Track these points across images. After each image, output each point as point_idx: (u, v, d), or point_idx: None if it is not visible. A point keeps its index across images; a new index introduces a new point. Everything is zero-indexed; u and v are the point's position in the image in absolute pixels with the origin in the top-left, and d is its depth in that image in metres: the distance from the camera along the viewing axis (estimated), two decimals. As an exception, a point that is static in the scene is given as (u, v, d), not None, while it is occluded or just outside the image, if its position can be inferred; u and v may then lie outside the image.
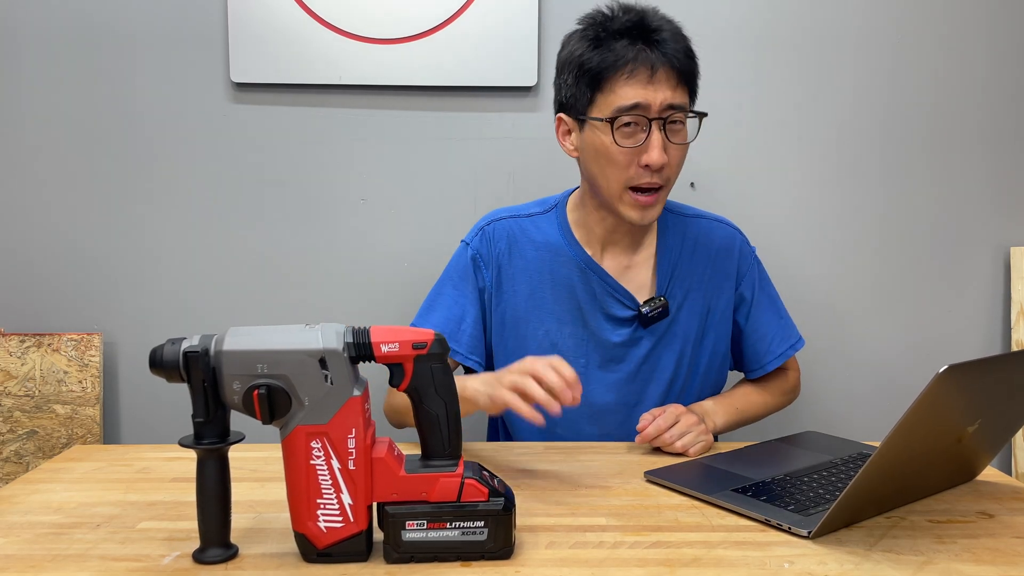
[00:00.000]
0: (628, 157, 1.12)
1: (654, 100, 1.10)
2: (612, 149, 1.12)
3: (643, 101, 1.10)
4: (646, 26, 1.12)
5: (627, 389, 1.24)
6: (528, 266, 1.24)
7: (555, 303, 1.23)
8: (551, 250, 1.24)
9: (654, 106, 1.11)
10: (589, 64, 1.12)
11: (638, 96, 1.10)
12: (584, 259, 1.23)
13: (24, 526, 0.88)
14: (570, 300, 1.23)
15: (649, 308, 1.22)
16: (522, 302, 1.23)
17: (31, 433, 1.62)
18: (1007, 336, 1.71)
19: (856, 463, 1.06)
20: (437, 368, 0.79)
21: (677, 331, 1.25)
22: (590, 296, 1.23)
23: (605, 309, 1.23)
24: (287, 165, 1.65)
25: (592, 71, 1.12)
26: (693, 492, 0.96)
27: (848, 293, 1.71)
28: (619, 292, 1.23)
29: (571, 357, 1.18)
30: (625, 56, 1.10)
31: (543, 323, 1.23)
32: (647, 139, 1.11)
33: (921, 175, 1.69)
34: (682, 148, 1.16)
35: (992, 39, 1.67)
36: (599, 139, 1.13)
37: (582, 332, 1.22)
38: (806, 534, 0.84)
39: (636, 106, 1.10)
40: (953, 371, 0.76)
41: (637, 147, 1.12)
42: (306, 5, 1.58)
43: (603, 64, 1.11)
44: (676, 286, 1.25)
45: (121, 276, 1.66)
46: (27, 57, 1.61)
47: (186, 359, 0.75)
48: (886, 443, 0.80)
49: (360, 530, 0.78)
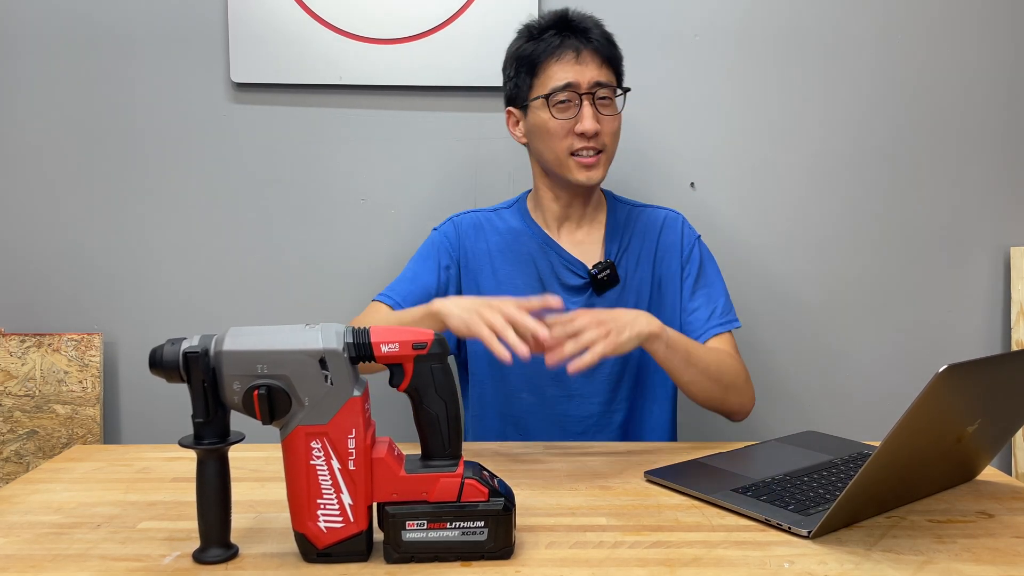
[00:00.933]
0: (565, 128, 1.28)
1: (582, 78, 1.27)
2: (551, 123, 1.28)
3: (573, 79, 1.26)
4: (569, 20, 1.30)
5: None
6: (491, 249, 1.38)
7: (517, 277, 1.36)
8: (513, 233, 1.39)
9: (583, 83, 1.27)
10: (524, 54, 1.31)
11: (567, 75, 1.27)
12: (542, 236, 1.37)
13: (24, 526, 0.88)
14: (531, 274, 1.36)
15: (597, 270, 1.33)
16: (487, 280, 1.36)
17: (31, 433, 1.62)
18: (1007, 336, 1.71)
19: (856, 463, 1.06)
20: (437, 368, 0.79)
21: (629, 298, 1.36)
22: (548, 268, 1.36)
23: (561, 280, 1.35)
24: (287, 165, 1.65)
25: (528, 60, 1.30)
26: (693, 492, 0.96)
27: (848, 293, 1.71)
28: (572, 263, 1.35)
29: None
30: (553, 43, 1.28)
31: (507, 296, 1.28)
32: (579, 111, 1.27)
33: (921, 175, 1.69)
34: (614, 119, 1.30)
35: (992, 39, 1.67)
36: (540, 117, 1.29)
37: None
38: (806, 534, 0.84)
39: (568, 85, 1.26)
40: (953, 371, 0.76)
41: (572, 119, 1.27)
42: (306, 5, 1.58)
43: (536, 52, 1.29)
44: (626, 258, 1.37)
45: (121, 276, 1.66)
46: (27, 57, 1.61)
47: (186, 359, 0.75)
48: (886, 443, 0.80)
49: (360, 530, 0.78)
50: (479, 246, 1.38)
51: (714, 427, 1.73)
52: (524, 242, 1.37)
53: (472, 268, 1.37)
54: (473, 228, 1.39)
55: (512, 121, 1.36)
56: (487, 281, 1.36)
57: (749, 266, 1.69)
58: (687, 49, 1.65)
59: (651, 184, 1.68)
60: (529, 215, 1.40)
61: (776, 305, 1.71)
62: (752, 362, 1.72)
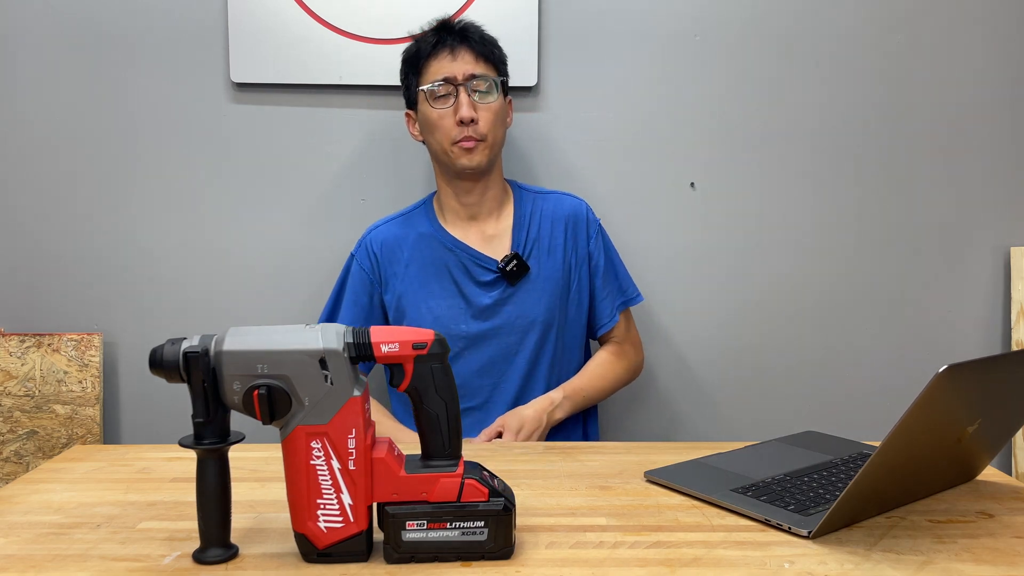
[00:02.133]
0: (444, 117, 1.38)
1: (458, 71, 1.37)
2: (432, 114, 1.38)
3: (449, 74, 1.37)
4: (448, 24, 1.42)
5: (505, 341, 1.42)
6: (405, 258, 1.45)
7: (434, 283, 1.43)
8: (423, 239, 1.45)
9: (458, 75, 1.37)
10: (408, 56, 1.43)
11: (444, 70, 1.38)
12: (450, 240, 1.44)
13: (24, 526, 0.88)
14: (446, 277, 1.43)
15: (504, 262, 1.41)
16: (406, 289, 1.44)
17: (31, 433, 1.62)
18: (1007, 336, 1.71)
19: (856, 463, 1.06)
20: (437, 368, 0.79)
21: (543, 284, 1.44)
22: (461, 270, 1.43)
23: (474, 277, 1.43)
24: (287, 165, 1.65)
25: (411, 61, 1.42)
26: (693, 492, 0.96)
27: (848, 293, 1.71)
28: (481, 259, 1.43)
29: (450, 324, 1.41)
30: (430, 42, 1.40)
31: (425, 302, 1.43)
32: (456, 100, 1.37)
33: (921, 175, 1.69)
34: (490, 108, 1.39)
35: (992, 39, 1.67)
36: (424, 111, 1.40)
37: (460, 302, 1.42)
38: (806, 534, 0.84)
39: (444, 79, 1.37)
40: (953, 371, 0.76)
41: (450, 108, 1.37)
42: (306, 5, 1.58)
43: (418, 53, 1.41)
44: (535, 247, 1.45)
45: (121, 276, 1.66)
46: (27, 58, 1.61)
47: (186, 359, 0.75)
48: (886, 443, 0.80)
49: (360, 530, 0.78)
50: (395, 263, 1.45)
51: (714, 427, 1.73)
52: (434, 247, 1.44)
53: (393, 285, 1.45)
54: (386, 248, 1.46)
55: (410, 122, 1.47)
56: (407, 292, 1.43)
57: (749, 266, 1.69)
58: (687, 49, 1.65)
59: (651, 184, 1.68)
60: (436, 218, 1.47)
61: (776, 305, 1.71)
62: (752, 362, 1.73)
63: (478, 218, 1.45)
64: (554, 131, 1.65)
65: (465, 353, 1.41)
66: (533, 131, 1.65)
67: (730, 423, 1.73)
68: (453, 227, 1.45)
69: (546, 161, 1.66)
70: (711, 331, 1.71)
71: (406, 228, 1.48)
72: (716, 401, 1.72)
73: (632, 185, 1.67)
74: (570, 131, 1.66)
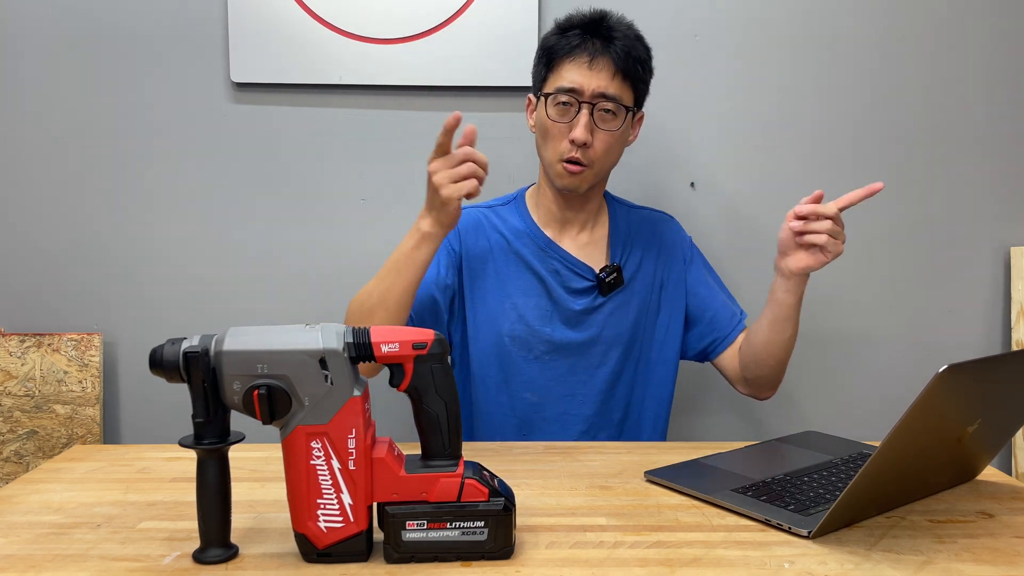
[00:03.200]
0: (560, 131, 1.26)
1: (588, 85, 1.24)
2: (547, 123, 1.27)
3: (578, 84, 1.24)
4: (602, 23, 1.26)
5: (589, 352, 1.35)
6: (493, 247, 1.36)
7: (520, 280, 1.34)
8: (514, 234, 1.36)
9: (587, 91, 1.24)
10: (547, 46, 1.29)
11: (574, 79, 1.24)
12: (544, 240, 1.36)
13: (24, 526, 0.88)
14: (533, 278, 1.35)
15: (605, 273, 1.34)
16: (491, 281, 1.35)
17: (31, 433, 1.62)
18: (1007, 336, 1.71)
19: (856, 463, 1.06)
20: (437, 368, 0.79)
21: (633, 299, 1.37)
22: (551, 273, 1.34)
23: (566, 283, 1.34)
24: (287, 165, 1.65)
25: (548, 52, 1.28)
26: (693, 492, 0.96)
27: (848, 293, 1.71)
28: (577, 266, 1.35)
29: (536, 325, 1.33)
30: (573, 41, 1.25)
31: (509, 296, 1.34)
32: (576, 118, 1.24)
33: (921, 175, 1.69)
34: (610, 135, 1.27)
35: (992, 38, 1.67)
36: (542, 113, 1.28)
37: (547, 303, 1.34)
38: (806, 534, 0.84)
39: (571, 88, 1.24)
40: (953, 371, 0.76)
41: (567, 123, 1.25)
42: (306, 5, 1.58)
43: (556, 47, 1.27)
44: (629, 259, 1.38)
45: (121, 276, 1.66)
46: (27, 57, 1.61)
47: (186, 359, 0.75)
48: (886, 443, 0.80)
49: (360, 530, 0.78)
50: (480, 244, 1.36)
51: (714, 427, 1.73)
52: (526, 243, 1.36)
53: (473, 267, 1.35)
54: (473, 226, 1.36)
55: (530, 108, 1.35)
56: (489, 280, 1.34)
57: (749, 266, 1.69)
58: (687, 49, 1.65)
59: (651, 184, 1.68)
60: (529, 215, 1.38)
61: (776, 305, 1.71)
62: (752, 362, 1.72)
63: (575, 224, 1.37)
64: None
65: (546, 358, 1.33)
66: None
67: (730, 423, 1.73)
68: (547, 228, 1.37)
69: (546, 161, 1.66)
70: (711, 331, 1.71)
71: (494, 218, 1.38)
72: (716, 401, 1.72)
73: (632, 185, 1.67)
74: (570, 131, 1.65)
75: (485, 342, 1.34)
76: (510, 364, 1.33)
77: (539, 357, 1.33)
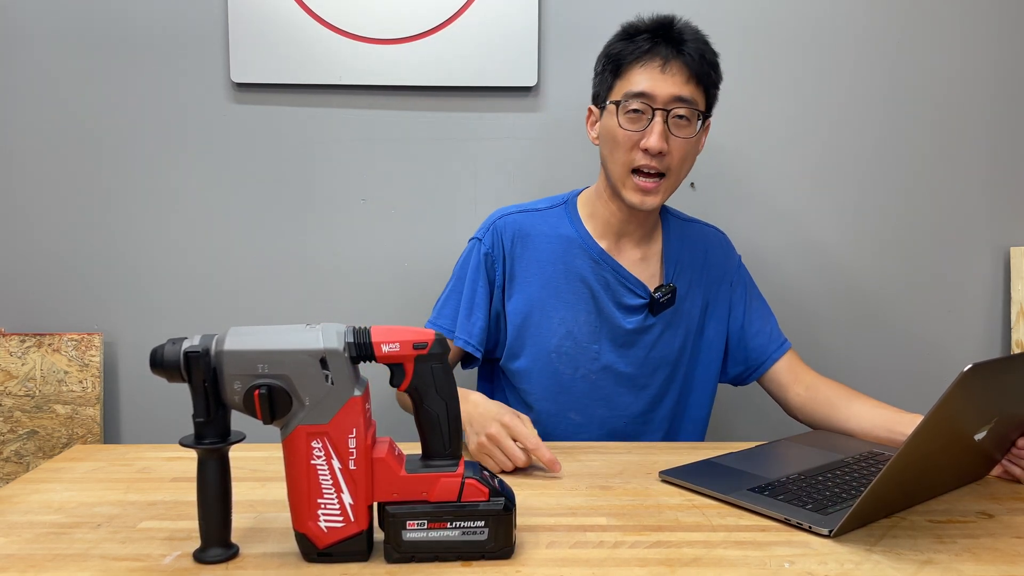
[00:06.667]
0: (631, 140, 1.20)
1: (662, 91, 1.18)
2: (618, 132, 1.20)
3: (650, 90, 1.18)
4: (670, 27, 1.22)
5: (638, 373, 1.30)
6: (540, 257, 1.29)
7: (569, 292, 1.28)
8: (563, 242, 1.29)
9: (660, 96, 1.18)
10: (613, 52, 1.23)
11: (647, 84, 1.18)
12: (597, 251, 1.29)
13: (24, 526, 0.88)
14: (584, 289, 1.28)
15: (660, 294, 1.28)
16: (536, 292, 1.28)
17: (31, 433, 1.62)
18: (1007, 336, 1.71)
19: (868, 461, 1.07)
20: (437, 368, 0.79)
21: (681, 319, 1.32)
22: (603, 286, 1.28)
23: (618, 299, 1.28)
24: (287, 165, 1.65)
25: (615, 59, 1.22)
26: (710, 492, 0.96)
27: (848, 293, 1.71)
28: (631, 282, 1.29)
29: (586, 342, 1.28)
30: (643, 47, 1.20)
31: (558, 312, 1.28)
32: (650, 125, 1.18)
33: (921, 175, 1.69)
34: (685, 142, 1.21)
35: (992, 38, 1.67)
36: (610, 122, 1.22)
37: (596, 320, 1.28)
38: (827, 533, 0.84)
39: (643, 93, 1.18)
40: (977, 370, 0.76)
41: (640, 131, 1.19)
42: (306, 5, 1.58)
43: (624, 52, 1.21)
44: (680, 278, 1.32)
45: (121, 276, 1.66)
46: (27, 57, 1.61)
47: (187, 359, 0.75)
48: (909, 442, 0.80)
49: (361, 530, 0.78)
50: (527, 256, 1.29)
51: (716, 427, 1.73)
52: (576, 254, 1.28)
53: (519, 281, 1.29)
54: (519, 237, 1.29)
55: (591, 120, 1.29)
56: (536, 294, 1.28)
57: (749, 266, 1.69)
58: (687, 49, 1.65)
59: (651, 184, 1.68)
60: (581, 223, 1.30)
61: (776, 305, 1.70)
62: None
63: (631, 236, 1.30)
64: (554, 131, 1.65)
65: (592, 377, 1.28)
66: (533, 131, 1.65)
67: (729, 423, 1.73)
68: (602, 240, 1.30)
69: (546, 161, 1.66)
70: (711, 331, 1.71)
71: (542, 223, 1.30)
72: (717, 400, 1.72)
73: (632, 185, 1.67)
74: (570, 131, 1.65)
75: (532, 357, 1.29)
76: (553, 381, 1.28)
77: (585, 376, 1.28)
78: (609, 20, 1.68)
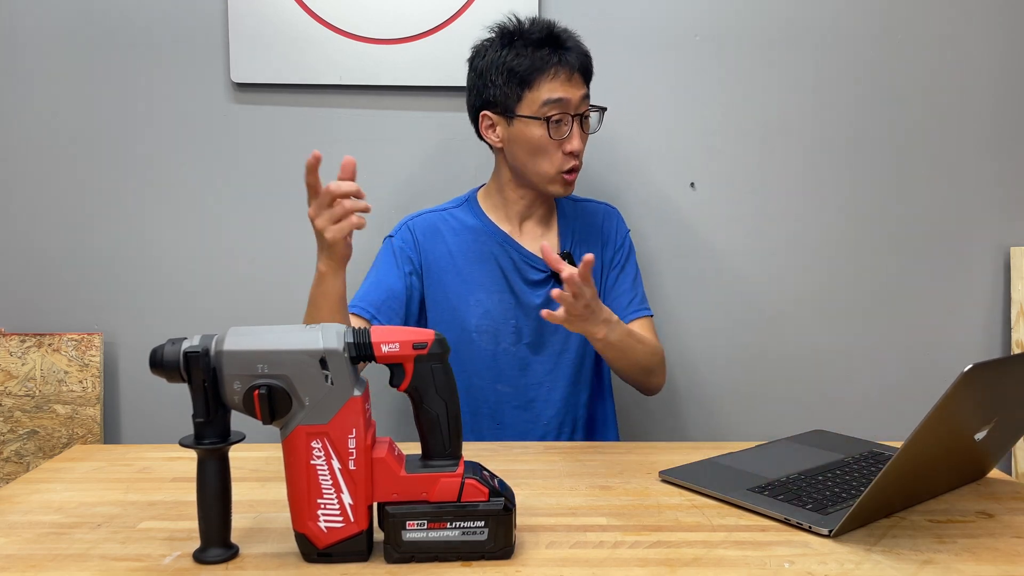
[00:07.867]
0: (554, 146, 1.32)
1: (574, 96, 1.31)
2: (544, 141, 1.31)
3: (565, 97, 1.30)
4: (556, 36, 1.33)
5: (553, 339, 1.41)
6: (451, 249, 1.41)
7: (482, 275, 1.39)
8: (471, 232, 1.42)
9: (573, 101, 1.31)
10: (519, 68, 1.31)
11: (561, 92, 1.30)
12: (501, 236, 1.41)
13: (24, 526, 0.88)
14: (495, 271, 1.40)
15: None
16: (451, 279, 1.39)
17: (31, 433, 1.62)
18: (1007, 336, 1.71)
19: (868, 461, 1.07)
20: (437, 368, 0.79)
21: None
22: (511, 266, 1.40)
23: (524, 275, 1.40)
24: (287, 165, 1.65)
25: (522, 73, 1.31)
26: (710, 492, 0.96)
27: (848, 293, 1.71)
28: (532, 259, 1.40)
29: (502, 320, 1.39)
30: (550, 60, 1.30)
31: (474, 294, 1.39)
32: (571, 131, 1.31)
33: (921, 175, 1.69)
34: (587, 136, 1.37)
35: (992, 38, 1.67)
36: (532, 133, 1.32)
37: (509, 298, 1.40)
38: (827, 533, 0.84)
39: (560, 100, 1.30)
40: (977, 370, 0.76)
41: (562, 137, 1.31)
42: (306, 5, 1.58)
43: (532, 67, 1.31)
44: (577, 248, 1.44)
45: (121, 276, 1.66)
46: (27, 57, 1.61)
47: (186, 359, 0.75)
48: (909, 442, 0.80)
49: (361, 530, 0.78)
50: (438, 248, 1.40)
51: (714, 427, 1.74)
52: (484, 240, 1.41)
53: (434, 271, 1.40)
54: (430, 232, 1.41)
55: (486, 124, 1.37)
56: (452, 281, 1.39)
57: (749, 266, 1.69)
58: (687, 49, 1.65)
59: (651, 184, 1.68)
60: (484, 214, 1.43)
61: (774, 305, 1.71)
62: (751, 361, 1.73)
63: (533, 217, 1.43)
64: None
65: (513, 350, 1.39)
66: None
67: (729, 423, 1.73)
68: (503, 225, 1.42)
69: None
70: (711, 331, 1.70)
71: (451, 219, 1.43)
72: (715, 400, 1.72)
73: (632, 185, 1.67)
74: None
75: (456, 338, 1.37)
76: (478, 357, 1.38)
77: (506, 349, 1.39)
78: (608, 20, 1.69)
